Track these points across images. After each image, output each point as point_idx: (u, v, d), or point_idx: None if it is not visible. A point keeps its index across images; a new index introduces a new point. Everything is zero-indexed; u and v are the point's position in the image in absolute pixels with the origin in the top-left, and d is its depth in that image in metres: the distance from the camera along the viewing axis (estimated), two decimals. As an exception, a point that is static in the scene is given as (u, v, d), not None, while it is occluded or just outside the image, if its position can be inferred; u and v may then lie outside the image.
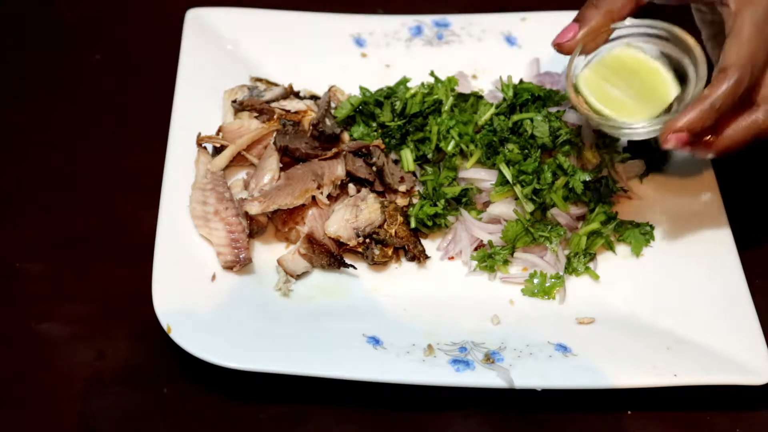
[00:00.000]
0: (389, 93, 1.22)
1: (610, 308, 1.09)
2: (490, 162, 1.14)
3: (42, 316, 1.08)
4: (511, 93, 1.20)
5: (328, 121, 1.17)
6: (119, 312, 1.08)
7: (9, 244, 1.14)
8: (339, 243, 1.11)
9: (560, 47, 1.04)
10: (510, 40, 1.34)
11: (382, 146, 1.17)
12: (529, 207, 1.11)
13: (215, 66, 1.26)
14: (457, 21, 1.35)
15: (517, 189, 1.11)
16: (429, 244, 1.15)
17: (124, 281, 1.10)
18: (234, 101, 1.21)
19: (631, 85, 1.03)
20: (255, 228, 1.11)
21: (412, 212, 1.14)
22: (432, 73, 1.24)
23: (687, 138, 0.96)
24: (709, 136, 0.99)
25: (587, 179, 1.13)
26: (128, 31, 1.39)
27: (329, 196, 1.13)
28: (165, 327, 1.00)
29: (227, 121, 1.21)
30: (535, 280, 1.11)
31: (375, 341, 1.03)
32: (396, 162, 1.18)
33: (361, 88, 1.23)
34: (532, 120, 1.14)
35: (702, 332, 1.04)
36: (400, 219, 1.13)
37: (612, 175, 1.17)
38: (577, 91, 1.04)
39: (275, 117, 1.19)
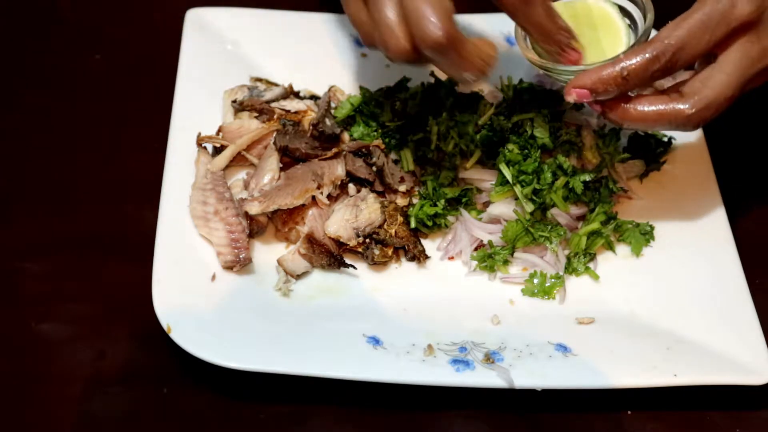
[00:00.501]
0: (389, 93, 1.22)
1: (610, 308, 1.09)
2: (490, 162, 1.14)
3: (42, 316, 1.08)
4: (511, 93, 1.20)
5: (328, 121, 1.17)
6: (119, 312, 1.08)
7: (9, 244, 1.14)
8: (339, 243, 1.11)
9: None
10: (510, 40, 1.34)
11: (382, 146, 1.18)
12: (529, 207, 1.11)
13: (215, 66, 1.26)
14: (457, 21, 1.35)
15: (517, 189, 1.11)
16: (429, 244, 1.15)
17: (124, 281, 1.10)
18: (234, 101, 1.21)
19: (583, 35, 1.01)
20: (255, 228, 1.11)
21: (412, 212, 1.14)
22: (432, 74, 1.24)
23: (588, 95, 0.95)
24: (627, 105, 0.97)
25: (587, 179, 1.13)
26: (128, 31, 1.39)
27: (329, 196, 1.13)
28: (165, 327, 1.00)
29: (227, 121, 1.21)
30: (535, 280, 1.11)
31: (375, 341, 1.03)
32: (396, 162, 1.18)
33: (361, 88, 1.23)
34: (532, 120, 1.14)
35: (702, 332, 1.04)
36: (400, 219, 1.13)
37: (612, 175, 1.17)
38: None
39: (275, 117, 1.19)
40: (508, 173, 1.12)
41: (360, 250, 1.11)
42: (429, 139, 1.17)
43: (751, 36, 0.94)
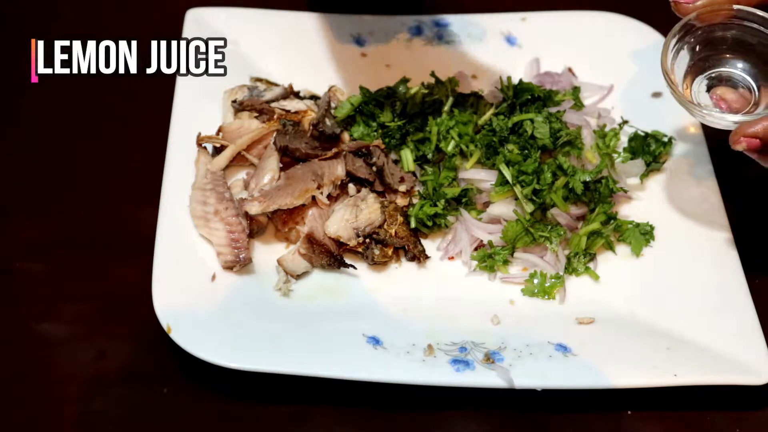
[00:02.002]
0: (389, 93, 1.22)
1: (610, 308, 1.09)
2: (490, 162, 1.14)
3: (42, 316, 1.08)
4: (511, 93, 1.20)
5: (328, 121, 1.17)
6: (119, 312, 1.08)
7: (9, 244, 1.14)
8: (339, 243, 1.11)
9: (677, 6, 1.02)
10: (510, 40, 1.34)
11: (382, 146, 1.17)
12: (529, 207, 1.11)
13: (215, 66, 1.26)
14: (457, 21, 1.35)
15: (517, 189, 1.11)
16: (429, 244, 1.15)
17: (124, 281, 1.10)
18: (234, 101, 1.21)
19: None
20: (255, 228, 1.11)
21: (412, 212, 1.14)
22: (433, 74, 1.24)
23: (758, 144, 0.95)
24: None
25: (587, 179, 1.13)
26: (128, 31, 1.38)
27: (329, 196, 1.13)
28: (165, 327, 1.00)
29: (227, 121, 1.21)
30: (535, 280, 1.11)
31: (375, 341, 1.03)
32: (396, 162, 1.18)
33: (361, 88, 1.23)
34: (532, 121, 1.14)
35: (702, 332, 1.04)
36: (400, 219, 1.13)
37: (612, 175, 1.17)
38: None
39: (275, 117, 1.19)
40: (508, 173, 1.12)
41: (360, 250, 1.11)
42: (429, 139, 1.17)
43: None
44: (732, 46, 1.04)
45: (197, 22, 1.28)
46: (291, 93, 1.25)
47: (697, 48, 1.04)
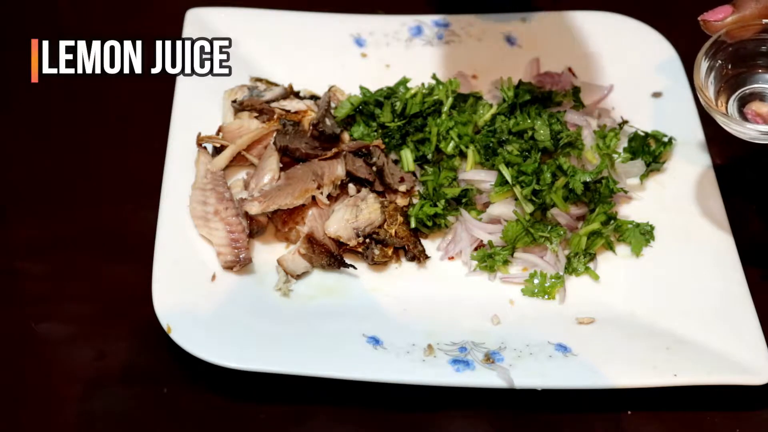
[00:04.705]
0: (389, 93, 1.22)
1: (610, 308, 1.09)
2: (489, 163, 1.14)
3: (42, 316, 1.08)
4: (511, 93, 1.20)
5: (328, 121, 1.17)
6: (119, 312, 1.08)
7: (9, 244, 1.14)
8: (339, 243, 1.11)
9: (706, 24, 1.01)
10: (510, 40, 1.34)
11: (382, 146, 1.18)
12: (529, 208, 1.11)
13: (215, 66, 1.26)
14: (457, 21, 1.35)
15: (517, 190, 1.11)
16: (429, 244, 1.15)
17: (124, 281, 1.10)
18: (234, 101, 1.21)
19: None
20: (255, 228, 1.11)
21: (412, 212, 1.14)
22: (434, 76, 1.24)
23: None
24: None
25: (587, 179, 1.13)
26: (128, 31, 1.38)
27: (329, 196, 1.13)
28: (165, 327, 1.00)
29: (227, 121, 1.21)
30: (535, 280, 1.11)
31: (375, 341, 1.03)
32: (396, 162, 1.18)
33: (361, 88, 1.23)
34: (533, 126, 1.15)
35: (702, 332, 1.04)
36: (400, 219, 1.13)
37: (612, 175, 1.17)
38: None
39: (275, 117, 1.19)
40: (507, 174, 1.12)
41: (360, 250, 1.11)
42: (429, 140, 1.17)
43: None
44: (764, 60, 1.04)
45: (197, 22, 1.28)
46: (291, 93, 1.25)
47: (729, 65, 1.04)
